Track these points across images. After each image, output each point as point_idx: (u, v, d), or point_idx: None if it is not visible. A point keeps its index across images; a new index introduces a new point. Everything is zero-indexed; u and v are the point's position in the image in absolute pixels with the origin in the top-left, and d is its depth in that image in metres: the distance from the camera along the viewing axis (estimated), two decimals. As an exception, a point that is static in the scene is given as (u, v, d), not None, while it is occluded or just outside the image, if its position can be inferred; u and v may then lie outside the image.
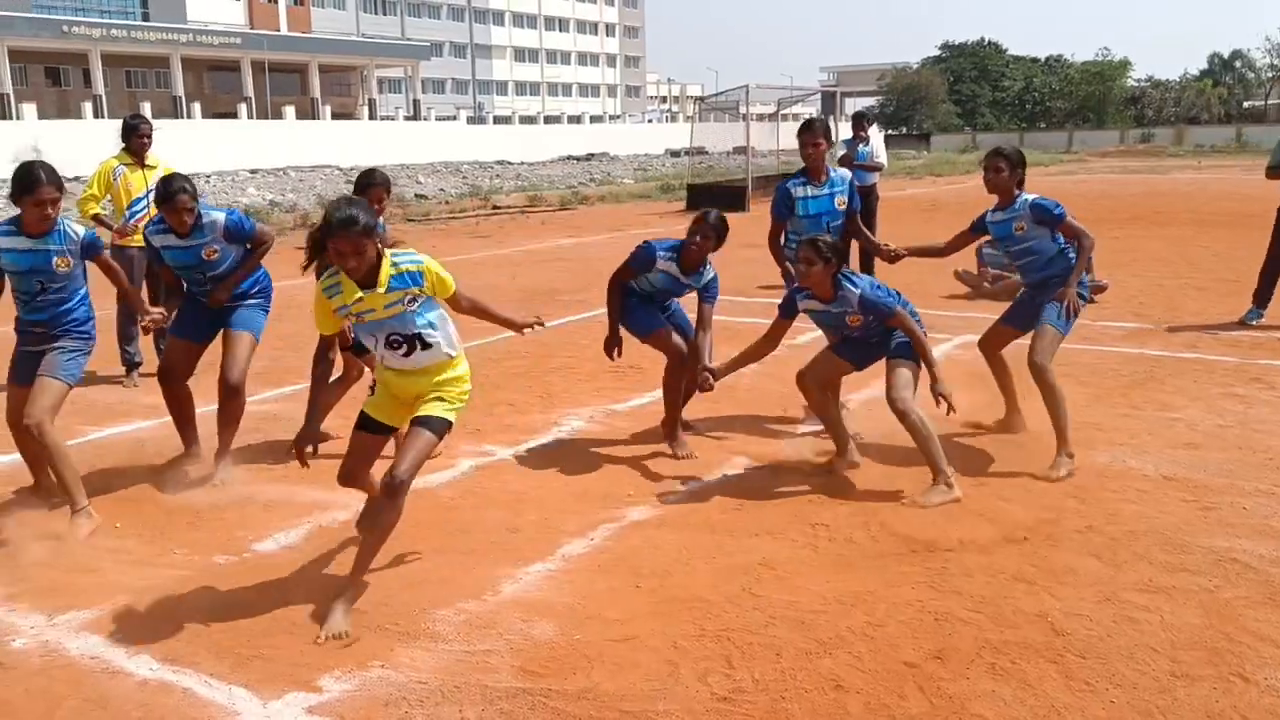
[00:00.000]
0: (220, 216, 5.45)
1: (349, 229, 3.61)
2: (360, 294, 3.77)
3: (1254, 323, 8.78)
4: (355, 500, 5.01)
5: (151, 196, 7.55)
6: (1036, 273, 5.58)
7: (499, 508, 4.94)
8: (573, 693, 3.29)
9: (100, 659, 3.51)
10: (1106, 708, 3.17)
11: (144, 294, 7.69)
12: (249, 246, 5.61)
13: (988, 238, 5.83)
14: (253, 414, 6.62)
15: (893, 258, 6.06)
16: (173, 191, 5.28)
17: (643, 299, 5.81)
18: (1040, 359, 5.28)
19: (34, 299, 4.94)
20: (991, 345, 5.87)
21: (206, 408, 5.83)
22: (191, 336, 5.65)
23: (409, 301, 3.81)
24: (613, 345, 5.75)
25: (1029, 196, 5.51)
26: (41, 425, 4.66)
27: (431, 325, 3.87)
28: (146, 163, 7.64)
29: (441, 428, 3.87)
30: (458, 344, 4.00)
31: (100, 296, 11.32)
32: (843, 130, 15.82)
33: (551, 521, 4.75)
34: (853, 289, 5.08)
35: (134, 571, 4.22)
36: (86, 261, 5.22)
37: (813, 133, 6.20)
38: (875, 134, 12.95)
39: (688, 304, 5.99)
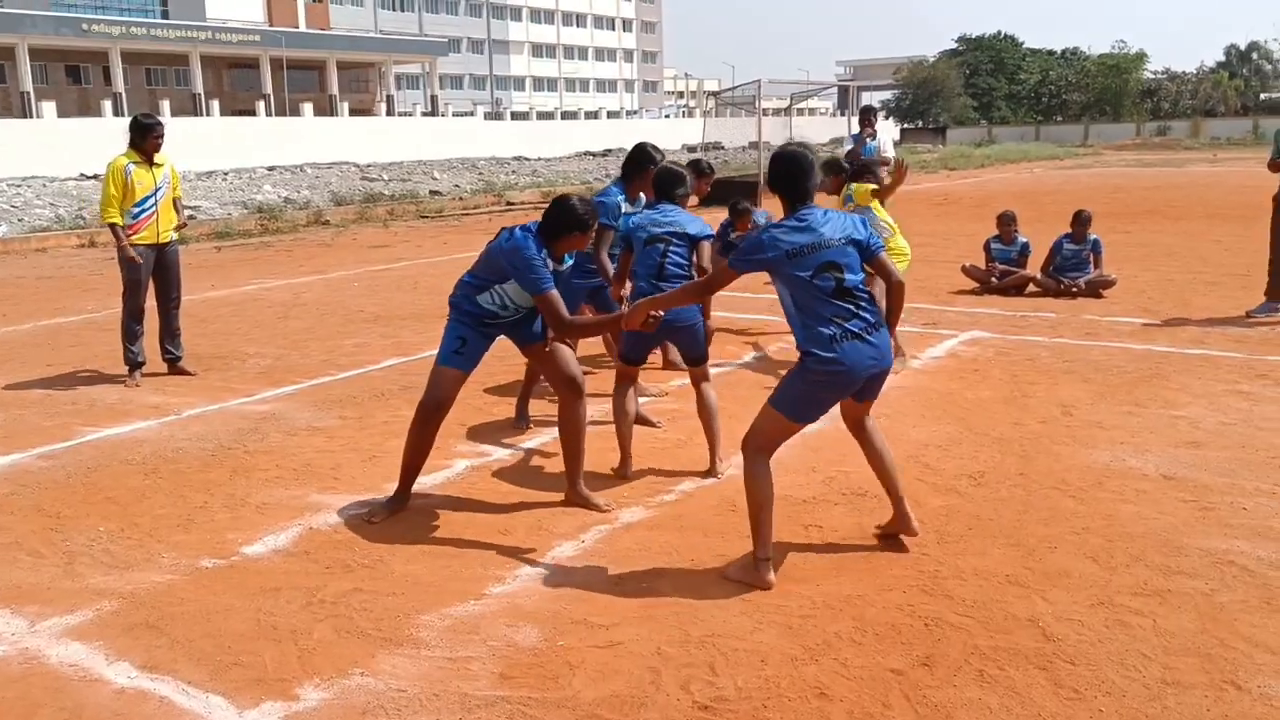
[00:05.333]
0: None
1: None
2: None
3: (1263, 317, 8.67)
4: (346, 501, 5.01)
5: (159, 194, 7.57)
6: None
7: (491, 509, 4.91)
8: (552, 701, 3.25)
9: (79, 666, 3.49)
10: (1094, 716, 3.11)
11: (149, 297, 7.72)
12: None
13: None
14: (250, 414, 6.64)
15: None
16: None
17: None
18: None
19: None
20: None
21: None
22: (471, 364, 4.86)
23: None
24: None
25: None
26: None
27: None
28: (155, 161, 7.64)
29: None
30: None
31: (110, 296, 11.39)
32: (853, 125, 15.72)
33: (543, 523, 4.72)
34: None
35: (119, 576, 4.20)
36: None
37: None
38: (883, 129, 12.85)
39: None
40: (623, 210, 6.12)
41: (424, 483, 5.26)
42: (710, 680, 3.35)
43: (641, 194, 6.20)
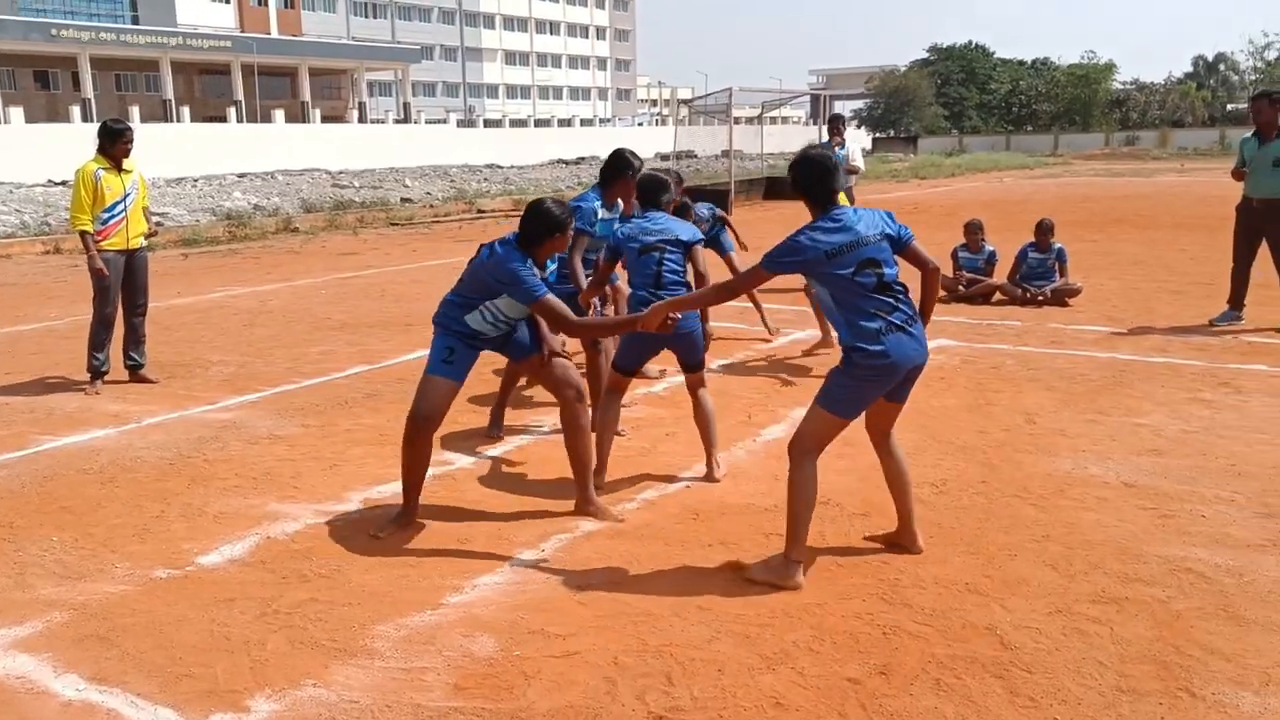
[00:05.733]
0: None
1: None
2: None
3: (1225, 325, 8.77)
4: (306, 510, 4.95)
5: (129, 200, 7.48)
6: None
7: (451, 518, 4.86)
8: (506, 712, 3.22)
9: (26, 679, 3.42)
10: (1049, 724, 3.11)
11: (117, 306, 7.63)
12: None
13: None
14: (211, 422, 6.57)
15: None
16: None
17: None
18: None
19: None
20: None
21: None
22: (461, 375, 4.75)
23: None
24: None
25: None
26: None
27: None
28: (124, 167, 7.56)
29: None
30: None
31: (73, 304, 11.25)
32: (823, 134, 15.79)
33: (503, 533, 4.68)
34: None
35: (71, 587, 4.13)
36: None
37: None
38: (852, 138, 12.90)
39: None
40: (599, 216, 6.10)
41: (384, 492, 5.23)
42: (666, 690, 3.33)
43: (620, 200, 6.17)
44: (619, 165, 6.08)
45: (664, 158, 50.44)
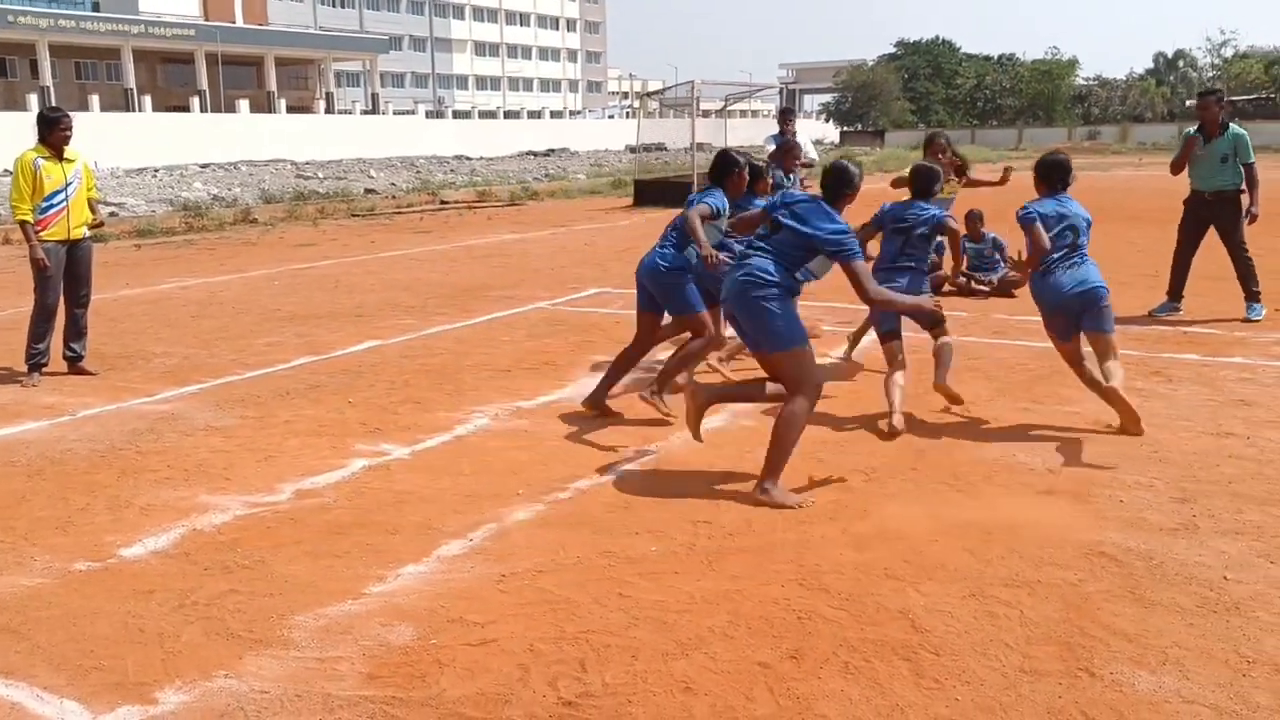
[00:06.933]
0: None
1: None
2: None
3: (1164, 316, 8.90)
4: (235, 503, 4.94)
5: (70, 189, 7.41)
6: None
7: (382, 509, 4.86)
8: (416, 700, 3.23)
9: (-70, 672, 3.41)
10: (950, 705, 3.16)
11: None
12: None
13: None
14: (148, 414, 6.52)
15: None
16: None
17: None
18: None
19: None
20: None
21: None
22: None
23: None
24: None
25: None
26: None
27: None
28: (65, 156, 7.48)
29: None
30: None
31: (17, 295, 11.09)
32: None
33: (433, 522, 4.68)
34: None
35: (-14, 579, 4.11)
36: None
37: None
38: (802, 130, 12.91)
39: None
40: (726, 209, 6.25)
41: (316, 482, 5.22)
42: (578, 676, 3.35)
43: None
44: (727, 163, 6.40)
45: (633, 150, 50.52)
